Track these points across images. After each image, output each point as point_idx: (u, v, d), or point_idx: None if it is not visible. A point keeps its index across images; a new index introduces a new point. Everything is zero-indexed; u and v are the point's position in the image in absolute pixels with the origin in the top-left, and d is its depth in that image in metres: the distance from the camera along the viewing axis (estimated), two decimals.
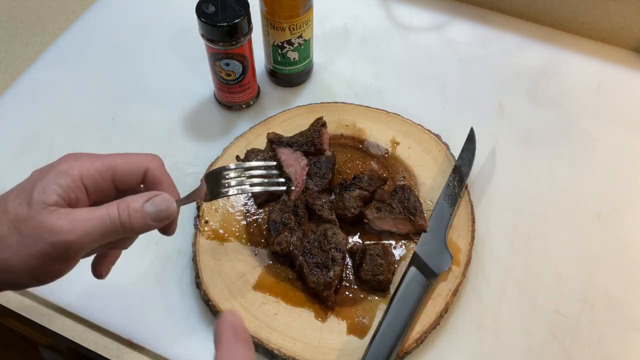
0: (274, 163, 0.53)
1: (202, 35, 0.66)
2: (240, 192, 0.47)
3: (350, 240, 0.63)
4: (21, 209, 0.37)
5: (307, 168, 0.61)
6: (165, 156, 0.47)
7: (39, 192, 0.37)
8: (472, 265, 0.62)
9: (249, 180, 0.47)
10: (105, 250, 0.46)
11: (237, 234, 0.63)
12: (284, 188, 0.50)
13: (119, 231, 0.39)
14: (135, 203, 0.39)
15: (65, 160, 0.40)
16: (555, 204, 0.68)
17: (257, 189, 0.48)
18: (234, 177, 0.46)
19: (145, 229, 0.40)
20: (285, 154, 0.59)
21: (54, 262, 0.37)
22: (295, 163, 0.59)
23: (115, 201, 0.39)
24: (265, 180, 0.49)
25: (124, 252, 0.63)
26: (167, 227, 0.43)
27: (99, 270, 0.46)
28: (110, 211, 0.38)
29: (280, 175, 0.53)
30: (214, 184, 0.45)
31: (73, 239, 0.36)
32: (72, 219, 0.37)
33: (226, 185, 0.46)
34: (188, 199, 0.44)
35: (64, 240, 0.36)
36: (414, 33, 0.86)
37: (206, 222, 0.63)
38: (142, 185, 0.43)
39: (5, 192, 0.40)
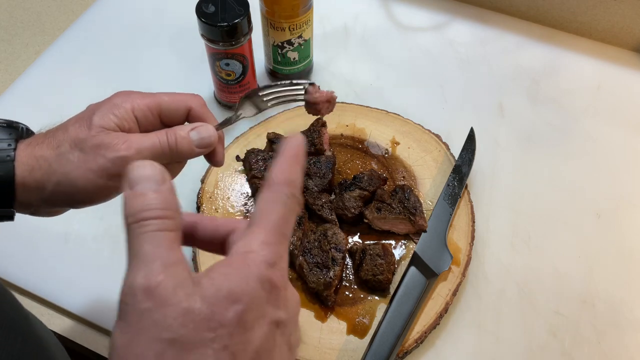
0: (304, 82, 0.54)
1: (202, 35, 0.66)
2: (271, 106, 0.50)
3: (350, 240, 0.63)
4: (82, 130, 0.42)
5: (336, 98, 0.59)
6: None
7: (98, 118, 0.42)
8: (472, 265, 0.62)
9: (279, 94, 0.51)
10: None
11: None
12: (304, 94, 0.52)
13: (167, 154, 0.43)
14: (181, 131, 0.44)
15: (119, 96, 0.44)
16: (555, 204, 0.68)
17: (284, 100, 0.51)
18: (266, 94, 0.50)
19: (190, 153, 0.44)
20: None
21: (111, 177, 0.41)
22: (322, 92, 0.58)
23: (164, 129, 0.44)
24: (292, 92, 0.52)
25: (123, 252, 0.63)
26: (213, 157, 0.47)
27: None
28: (160, 136, 0.43)
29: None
30: (248, 104, 0.50)
31: (129, 155, 0.41)
32: (127, 139, 0.42)
33: (263, 100, 0.50)
34: (225, 123, 0.48)
35: (122, 156, 0.41)
36: (414, 33, 0.86)
37: None
38: (186, 123, 0.48)
39: (64, 121, 0.44)
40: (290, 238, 0.32)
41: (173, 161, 0.45)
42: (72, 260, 0.63)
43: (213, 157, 0.48)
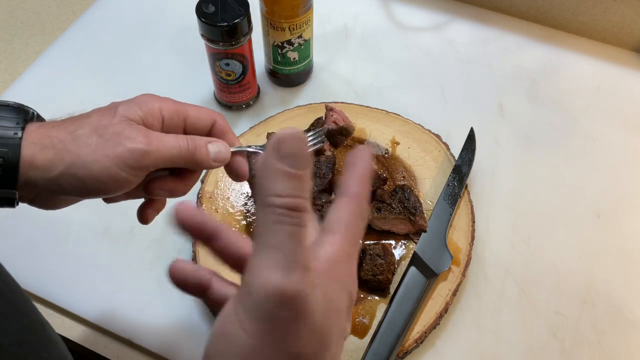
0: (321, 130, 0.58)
1: (202, 35, 0.66)
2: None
3: None
4: (104, 118, 0.42)
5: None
6: None
7: (123, 109, 0.42)
8: (472, 265, 0.62)
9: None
10: (156, 197, 0.49)
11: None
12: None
13: (184, 158, 0.43)
14: (200, 140, 0.45)
15: (146, 95, 0.45)
16: (555, 204, 0.68)
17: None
18: None
19: (206, 164, 0.45)
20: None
21: (125, 168, 0.41)
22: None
23: (184, 135, 0.44)
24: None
25: (123, 252, 0.63)
26: (234, 172, 0.48)
27: (145, 216, 0.49)
28: (180, 140, 0.43)
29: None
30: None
31: (149, 150, 0.41)
32: (147, 134, 0.42)
33: None
34: (243, 148, 0.49)
35: (141, 149, 0.41)
36: (413, 33, 0.86)
37: None
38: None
39: (87, 111, 0.44)
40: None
41: (187, 167, 0.45)
42: (72, 260, 0.63)
43: (234, 172, 0.48)
